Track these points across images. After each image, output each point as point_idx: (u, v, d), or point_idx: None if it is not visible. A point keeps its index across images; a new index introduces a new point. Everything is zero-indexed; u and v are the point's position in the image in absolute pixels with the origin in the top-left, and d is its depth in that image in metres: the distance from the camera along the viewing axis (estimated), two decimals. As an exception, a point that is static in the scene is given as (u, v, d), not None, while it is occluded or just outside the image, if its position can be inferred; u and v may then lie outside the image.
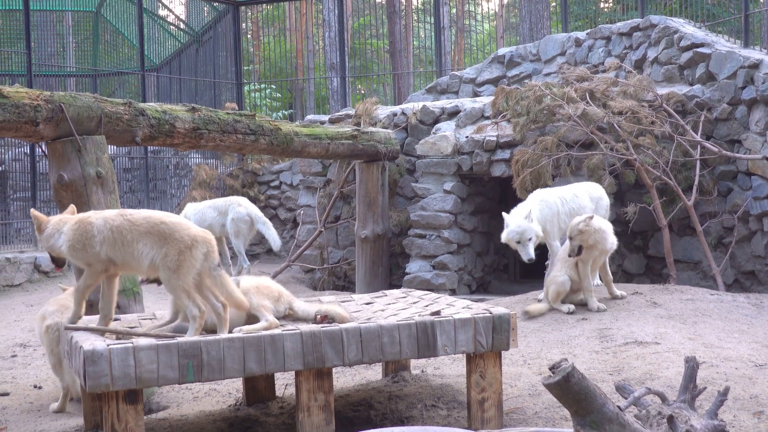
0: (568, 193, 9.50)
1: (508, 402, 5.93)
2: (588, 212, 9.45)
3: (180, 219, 5.24)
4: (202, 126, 8.26)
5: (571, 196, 9.47)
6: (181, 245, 5.04)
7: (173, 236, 5.06)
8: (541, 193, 9.45)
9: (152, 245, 5.09)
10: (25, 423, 6.13)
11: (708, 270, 10.28)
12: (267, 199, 15.18)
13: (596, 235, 8.25)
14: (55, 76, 20.38)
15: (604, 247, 8.39)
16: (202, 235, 5.14)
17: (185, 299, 5.08)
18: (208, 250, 5.13)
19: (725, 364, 6.45)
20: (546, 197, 9.36)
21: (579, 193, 9.55)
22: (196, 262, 5.06)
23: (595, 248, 8.34)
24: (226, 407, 6.30)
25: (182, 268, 5.02)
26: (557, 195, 9.42)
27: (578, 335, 7.66)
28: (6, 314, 10.82)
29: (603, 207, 9.58)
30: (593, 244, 8.29)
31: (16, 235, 16.40)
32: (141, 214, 5.22)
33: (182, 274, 5.03)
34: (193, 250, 5.06)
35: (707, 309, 8.28)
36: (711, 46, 11.00)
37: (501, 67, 14.39)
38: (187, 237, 5.06)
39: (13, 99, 6.34)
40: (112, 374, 4.44)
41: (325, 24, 23.44)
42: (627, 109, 10.34)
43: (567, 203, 9.39)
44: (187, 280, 5.05)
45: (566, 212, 9.35)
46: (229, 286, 5.22)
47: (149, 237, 5.10)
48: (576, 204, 9.42)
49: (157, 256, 5.08)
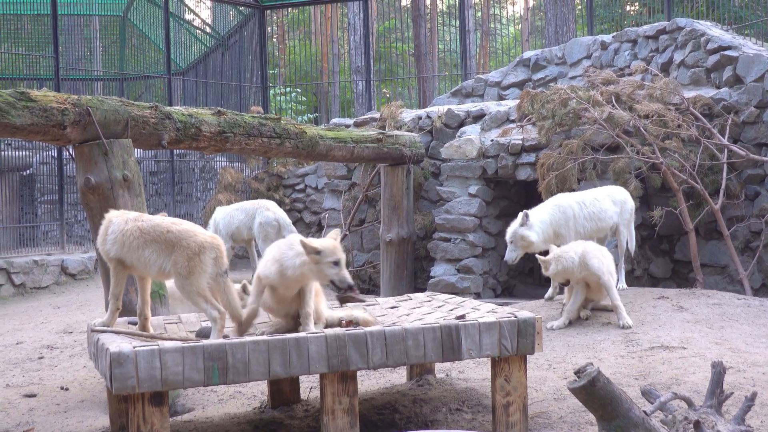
0: (588, 197, 9.45)
1: (533, 406, 5.91)
2: (610, 216, 9.42)
3: (188, 226, 5.35)
4: (227, 129, 8.30)
5: (591, 200, 9.43)
6: (189, 252, 5.16)
7: (180, 244, 5.18)
8: (557, 198, 9.45)
9: (159, 253, 5.23)
10: (51, 425, 6.18)
11: (735, 274, 10.20)
12: (292, 203, 15.22)
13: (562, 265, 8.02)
14: (82, 79, 20.56)
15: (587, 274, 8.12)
16: (209, 241, 5.25)
17: (202, 303, 5.18)
18: (217, 255, 5.26)
19: (752, 369, 6.40)
20: (560, 202, 9.35)
21: (600, 196, 9.50)
22: (206, 267, 5.19)
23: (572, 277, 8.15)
24: (251, 410, 6.32)
25: (193, 273, 5.15)
26: (575, 199, 9.39)
27: (604, 339, 7.62)
28: (33, 316, 10.92)
29: (627, 211, 9.52)
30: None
31: (44, 237, 16.55)
32: (152, 221, 5.34)
33: (194, 280, 5.15)
34: (202, 255, 5.18)
35: (734, 313, 8.21)
36: (738, 48, 10.93)
37: (526, 70, 14.35)
38: (194, 243, 5.18)
39: (41, 103, 6.40)
40: (138, 376, 4.47)
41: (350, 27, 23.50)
42: (653, 112, 10.28)
43: (586, 207, 9.35)
44: (201, 285, 5.17)
45: (585, 216, 9.32)
46: (231, 294, 5.32)
47: (156, 245, 5.23)
48: (596, 208, 9.38)
49: (166, 264, 5.21)
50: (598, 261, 7.99)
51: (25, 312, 11.35)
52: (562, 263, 8.03)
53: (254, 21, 17.64)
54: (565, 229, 9.22)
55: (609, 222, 9.44)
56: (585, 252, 8.02)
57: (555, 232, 9.18)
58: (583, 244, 8.24)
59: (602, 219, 9.40)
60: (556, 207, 9.27)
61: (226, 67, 18.31)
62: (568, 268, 8.00)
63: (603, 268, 7.98)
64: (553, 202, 9.35)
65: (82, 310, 11.08)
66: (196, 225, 5.55)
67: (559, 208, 9.26)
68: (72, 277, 13.43)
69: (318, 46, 27.24)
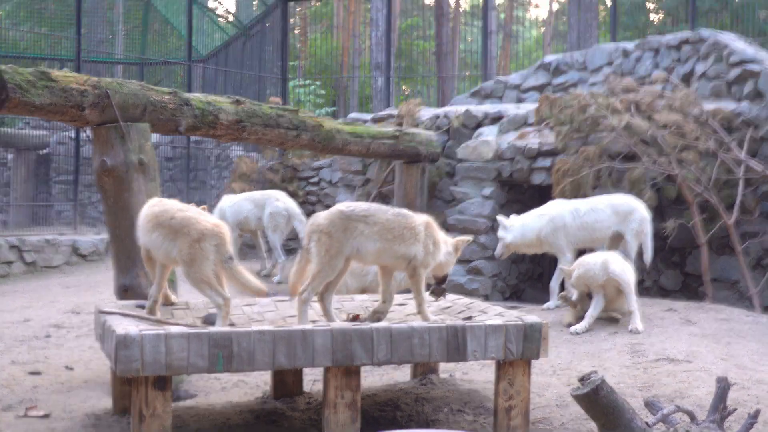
0: (584, 206, 9.50)
1: (535, 411, 5.91)
2: (607, 226, 9.44)
3: (193, 213, 5.41)
4: (245, 119, 8.30)
5: (587, 210, 9.47)
6: (190, 239, 5.22)
7: (182, 231, 5.26)
8: (550, 206, 9.60)
9: (164, 238, 5.33)
10: (54, 403, 6.21)
11: (745, 290, 10.15)
12: (305, 195, 15.22)
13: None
14: (103, 62, 20.60)
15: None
16: (211, 228, 5.30)
17: (207, 290, 5.26)
18: (219, 243, 5.29)
19: (757, 387, 6.37)
20: (551, 211, 9.47)
21: (600, 206, 9.52)
22: (208, 254, 5.24)
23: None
24: (254, 399, 6.33)
25: (195, 261, 5.22)
26: (569, 208, 9.48)
27: (610, 348, 7.61)
28: (43, 295, 10.97)
29: (635, 221, 9.47)
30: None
31: (57, 217, 16.63)
32: (164, 206, 5.47)
33: (197, 267, 5.22)
34: (202, 242, 5.23)
35: (742, 330, 8.18)
36: (761, 63, 10.87)
37: (547, 74, 14.31)
38: (195, 231, 5.24)
39: (61, 83, 6.42)
40: (143, 359, 4.49)
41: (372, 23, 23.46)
42: (672, 122, 10.25)
43: (579, 217, 9.43)
44: (204, 272, 5.24)
45: (578, 226, 9.42)
46: (243, 276, 5.36)
47: (162, 229, 5.34)
48: (592, 218, 9.43)
49: (172, 249, 5.30)
50: (619, 267, 8.16)
51: (35, 290, 11.40)
52: (585, 267, 8.20)
53: (277, 12, 17.65)
54: (553, 238, 9.38)
55: (606, 232, 9.50)
56: (606, 259, 8.20)
57: (539, 239, 9.31)
58: (604, 254, 8.45)
59: (597, 229, 9.47)
60: (543, 216, 9.49)
61: (247, 56, 18.34)
62: (589, 271, 8.15)
63: (624, 275, 8.14)
64: (543, 210, 9.57)
65: (91, 292, 11.12)
66: (204, 212, 5.59)
67: (546, 217, 9.44)
68: (83, 258, 13.48)
69: (339, 40, 27.26)
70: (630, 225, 9.46)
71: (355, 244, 5.39)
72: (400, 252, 5.48)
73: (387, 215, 5.51)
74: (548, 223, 9.43)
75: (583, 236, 9.50)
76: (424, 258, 5.58)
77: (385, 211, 5.55)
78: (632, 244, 9.50)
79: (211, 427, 5.57)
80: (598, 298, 8.33)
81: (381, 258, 5.53)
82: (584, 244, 9.65)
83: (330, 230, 5.36)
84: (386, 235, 5.44)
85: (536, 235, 9.43)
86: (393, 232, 5.46)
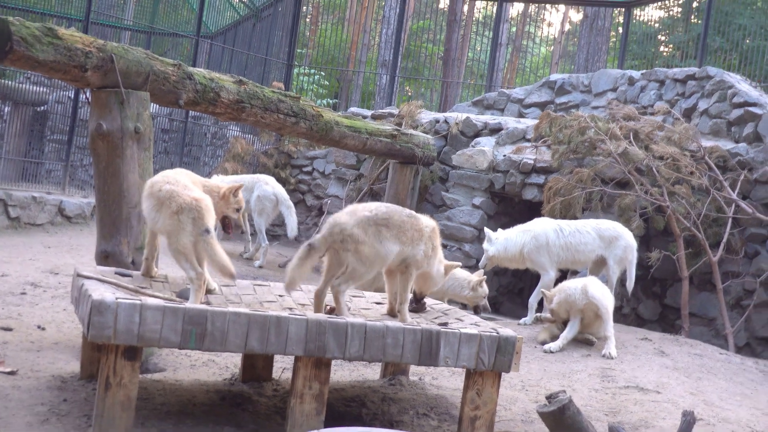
0: (569, 227, 9.55)
1: (500, 424, 5.91)
2: (591, 249, 9.48)
3: (177, 187, 5.50)
4: (245, 100, 8.29)
5: (572, 230, 9.51)
6: (170, 211, 5.35)
7: (165, 203, 5.39)
8: (535, 223, 9.65)
9: (151, 208, 5.50)
10: (23, 361, 6.18)
11: (721, 328, 10.20)
12: (297, 183, 15.21)
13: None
14: (111, 26, 20.53)
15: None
16: (188, 202, 5.39)
17: (183, 261, 5.38)
18: (196, 216, 5.38)
19: (722, 425, 6.40)
20: (536, 227, 9.54)
21: (585, 228, 9.56)
22: (185, 226, 5.34)
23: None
24: (221, 380, 6.32)
25: (173, 233, 5.34)
26: (554, 226, 9.53)
27: (581, 370, 7.63)
28: (23, 251, 10.91)
29: (620, 247, 9.51)
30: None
31: (47, 176, 16.55)
32: (158, 177, 5.62)
33: (174, 239, 5.35)
34: (181, 215, 5.34)
35: (714, 367, 8.21)
36: (763, 107, 10.92)
37: (550, 92, 14.34)
38: (175, 204, 5.36)
39: (66, 41, 6.39)
40: (115, 327, 4.47)
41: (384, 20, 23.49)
42: (668, 155, 10.28)
43: (563, 237, 9.47)
44: (181, 243, 5.35)
45: (561, 246, 9.46)
46: (215, 250, 5.41)
47: (150, 200, 5.52)
48: (576, 239, 9.48)
49: (158, 220, 5.44)
50: (599, 292, 8.23)
51: (15, 246, 11.34)
52: (566, 292, 8.28)
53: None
54: (535, 255, 9.41)
55: (589, 255, 9.53)
56: (586, 284, 8.28)
57: (522, 254, 9.36)
58: (584, 279, 8.53)
59: (580, 251, 9.50)
60: (528, 232, 9.54)
61: (255, 38, 18.30)
62: (570, 296, 8.24)
63: (603, 300, 8.21)
64: (528, 227, 9.63)
65: (71, 254, 11.08)
66: (190, 185, 5.61)
67: (530, 233, 9.49)
68: (68, 220, 13.42)
69: (349, 33, 27.23)
70: (614, 251, 9.49)
71: (384, 247, 5.49)
72: (407, 253, 5.62)
73: (402, 217, 5.62)
74: (531, 239, 9.48)
75: (565, 256, 9.53)
76: (421, 259, 5.70)
77: (399, 213, 5.65)
78: (615, 269, 9.52)
79: (176, 402, 5.56)
80: (574, 321, 8.36)
81: (396, 259, 5.64)
82: (566, 264, 9.69)
83: (365, 239, 5.43)
84: (401, 237, 5.57)
85: (519, 250, 9.47)
86: (406, 234, 5.59)
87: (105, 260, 6.53)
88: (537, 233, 9.49)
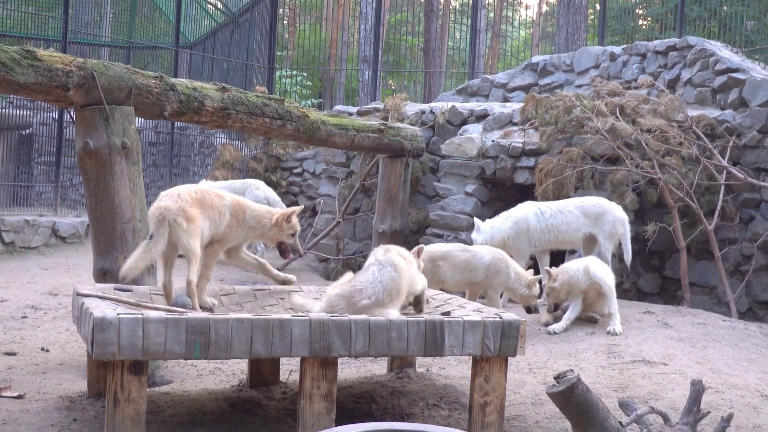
0: (549, 208, 9.54)
1: (510, 408, 5.93)
2: (575, 228, 9.46)
3: (164, 198, 5.70)
4: (230, 106, 8.28)
5: (553, 212, 9.49)
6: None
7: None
8: (517, 209, 9.72)
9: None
10: (29, 384, 6.18)
11: (723, 296, 10.22)
12: (288, 186, 15.20)
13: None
14: (89, 44, 20.46)
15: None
16: (150, 211, 5.68)
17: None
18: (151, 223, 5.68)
19: (731, 391, 6.42)
20: (517, 213, 9.60)
21: (567, 208, 9.53)
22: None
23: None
24: (229, 387, 6.32)
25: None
26: (534, 210, 9.52)
27: (586, 349, 7.64)
28: (21, 275, 10.90)
29: (608, 222, 9.47)
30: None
31: (37, 198, 16.52)
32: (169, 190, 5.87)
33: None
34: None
35: (718, 335, 8.24)
36: (746, 72, 10.93)
37: (533, 74, 14.35)
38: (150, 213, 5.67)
39: (46, 62, 6.37)
40: (119, 343, 4.46)
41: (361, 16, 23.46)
42: (656, 127, 10.29)
43: (544, 219, 9.46)
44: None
45: (542, 229, 9.45)
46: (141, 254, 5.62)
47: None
48: (558, 220, 9.45)
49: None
50: (601, 271, 8.32)
51: (12, 271, 11.33)
52: (568, 273, 8.32)
53: (266, 1, 17.60)
54: (514, 241, 9.42)
55: (575, 234, 9.50)
56: (587, 264, 8.36)
57: (505, 242, 9.38)
58: (584, 260, 8.59)
59: (563, 231, 9.47)
60: (510, 218, 9.57)
61: (234, 44, 18.28)
62: (573, 278, 8.28)
63: (605, 278, 8.29)
64: (510, 213, 9.67)
65: (69, 274, 11.07)
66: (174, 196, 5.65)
67: (512, 219, 9.55)
68: (62, 240, 13.41)
69: (328, 32, 27.21)
70: (603, 227, 9.46)
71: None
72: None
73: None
74: (512, 226, 9.50)
75: (548, 239, 9.51)
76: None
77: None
78: (606, 245, 9.49)
79: (185, 413, 5.56)
80: (576, 301, 8.38)
81: None
82: (553, 246, 9.67)
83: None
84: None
85: (503, 237, 9.48)
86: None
87: (103, 277, 6.53)
88: (518, 218, 9.52)
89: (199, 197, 5.80)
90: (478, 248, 8.39)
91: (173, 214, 5.57)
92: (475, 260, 8.23)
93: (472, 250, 8.36)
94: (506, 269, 8.26)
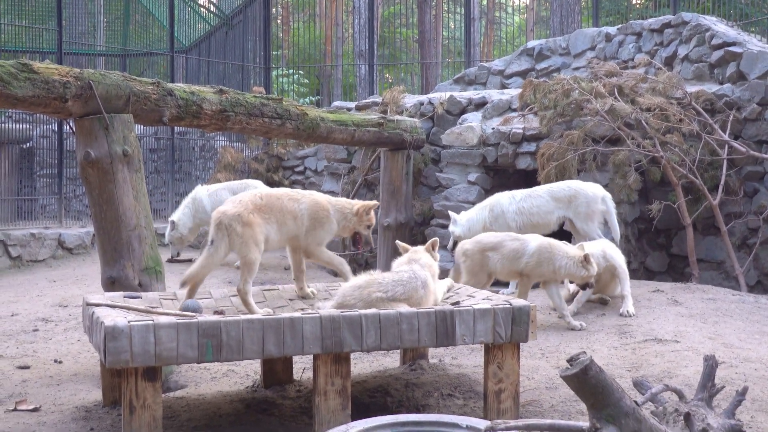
0: (521, 194, 9.62)
1: (524, 394, 5.93)
2: (547, 211, 9.45)
3: (226, 203, 6.09)
4: (229, 108, 8.28)
5: (524, 196, 9.57)
6: None
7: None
8: (491, 198, 9.92)
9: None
10: (44, 397, 6.20)
11: (731, 270, 10.22)
12: (291, 184, 15.20)
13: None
14: (85, 54, 20.45)
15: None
16: (212, 216, 6.06)
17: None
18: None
19: (744, 365, 6.42)
20: (491, 201, 9.85)
21: (537, 192, 9.57)
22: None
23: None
24: (244, 388, 6.34)
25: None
26: (506, 196, 9.64)
27: (598, 331, 7.64)
28: (29, 289, 10.93)
29: (581, 204, 9.38)
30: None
31: (42, 211, 16.53)
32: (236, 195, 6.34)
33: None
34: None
35: (729, 309, 8.23)
36: (743, 45, 10.91)
37: (530, 59, 14.33)
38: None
39: (43, 75, 6.38)
40: (132, 351, 4.48)
41: (355, 11, 23.42)
42: (655, 105, 10.28)
43: (515, 202, 9.56)
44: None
45: (515, 211, 9.54)
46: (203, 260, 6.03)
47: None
48: (528, 204, 9.51)
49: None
50: (616, 253, 8.47)
51: (21, 285, 11.36)
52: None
53: (259, 1, 17.57)
54: (495, 225, 9.45)
55: (547, 218, 9.49)
56: (604, 248, 8.42)
57: (486, 229, 9.40)
58: (600, 243, 8.61)
59: (535, 214, 9.49)
60: (484, 208, 9.68)
61: (230, 46, 18.26)
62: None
63: (620, 260, 8.42)
64: (485, 203, 9.75)
65: (77, 285, 11.09)
66: (236, 201, 6.10)
67: (486, 208, 9.71)
68: (69, 252, 13.42)
69: (322, 28, 27.18)
70: (577, 209, 9.38)
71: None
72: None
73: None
74: (489, 213, 9.58)
75: (522, 221, 9.48)
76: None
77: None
78: (584, 227, 9.35)
79: (202, 417, 5.58)
80: None
81: None
82: (528, 228, 9.59)
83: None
84: None
85: (482, 226, 9.51)
86: None
87: (112, 286, 6.54)
88: (492, 205, 9.61)
89: (264, 203, 6.01)
90: (527, 236, 8.08)
91: (229, 218, 5.77)
92: (522, 249, 7.88)
93: (521, 238, 8.01)
94: (552, 257, 7.77)
